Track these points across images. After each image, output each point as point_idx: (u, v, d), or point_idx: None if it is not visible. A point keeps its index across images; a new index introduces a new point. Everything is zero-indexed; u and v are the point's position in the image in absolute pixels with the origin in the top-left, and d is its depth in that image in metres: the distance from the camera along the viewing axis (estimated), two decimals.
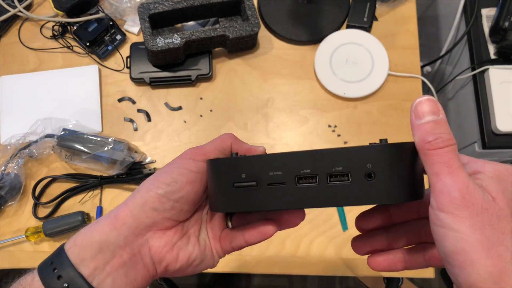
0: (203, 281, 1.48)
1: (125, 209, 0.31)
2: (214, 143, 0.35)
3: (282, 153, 0.29)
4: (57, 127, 0.72)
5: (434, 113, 0.26)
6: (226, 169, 0.31)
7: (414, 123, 0.27)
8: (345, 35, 0.77)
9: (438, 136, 0.25)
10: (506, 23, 0.75)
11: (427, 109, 0.26)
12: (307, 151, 0.29)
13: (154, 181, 0.32)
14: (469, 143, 0.88)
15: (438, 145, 0.25)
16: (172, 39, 0.70)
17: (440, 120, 0.26)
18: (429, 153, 0.25)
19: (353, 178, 0.28)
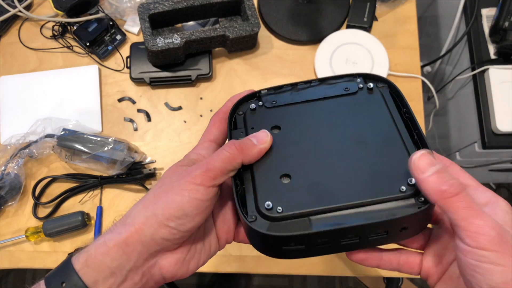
0: (203, 281, 1.48)
1: (134, 235, 0.31)
2: (223, 160, 0.33)
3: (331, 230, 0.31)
4: (57, 127, 0.72)
5: (433, 164, 0.29)
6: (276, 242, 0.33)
7: (420, 178, 0.30)
8: (345, 35, 0.77)
9: (449, 183, 0.28)
10: (506, 23, 0.76)
11: (426, 162, 0.30)
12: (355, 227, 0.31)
13: (164, 210, 0.31)
14: (469, 143, 0.88)
15: (455, 191, 0.28)
16: (172, 39, 0.70)
17: (441, 169, 0.29)
18: (449, 200, 0.28)
19: (390, 234, 0.32)
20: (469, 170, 1.07)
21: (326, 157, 0.36)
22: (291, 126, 0.38)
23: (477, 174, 1.13)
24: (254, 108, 0.40)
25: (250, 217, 0.34)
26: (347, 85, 0.40)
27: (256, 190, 0.35)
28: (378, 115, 0.38)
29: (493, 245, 0.26)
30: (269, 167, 0.36)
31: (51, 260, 0.69)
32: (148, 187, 0.71)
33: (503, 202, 0.30)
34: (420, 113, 0.74)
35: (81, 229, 0.69)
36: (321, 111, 0.39)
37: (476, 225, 0.27)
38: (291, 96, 0.41)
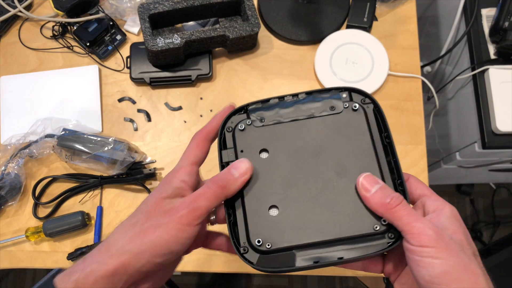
0: (203, 281, 1.48)
1: (121, 268, 0.33)
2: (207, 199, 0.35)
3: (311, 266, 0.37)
4: (57, 127, 0.72)
5: (376, 182, 0.36)
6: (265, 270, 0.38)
7: (366, 196, 0.36)
8: (345, 35, 0.77)
9: (390, 196, 0.34)
10: (506, 23, 0.76)
11: (370, 182, 0.36)
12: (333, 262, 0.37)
13: (152, 248, 0.33)
14: (469, 143, 0.88)
15: (396, 202, 0.34)
16: (172, 39, 0.70)
17: (383, 186, 0.36)
18: (393, 210, 0.34)
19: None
20: (469, 170, 1.07)
21: (311, 188, 0.39)
22: (279, 149, 0.41)
23: (477, 174, 1.13)
24: (243, 128, 0.42)
25: (243, 249, 0.38)
26: (333, 104, 0.42)
27: (248, 223, 0.38)
28: (360, 139, 0.40)
29: (432, 242, 0.31)
30: (258, 197, 0.39)
31: (51, 260, 0.69)
32: (148, 187, 0.71)
33: (449, 209, 0.35)
34: (420, 113, 0.74)
35: (81, 229, 0.69)
36: (307, 132, 0.41)
37: (417, 227, 0.32)
38: (279, 114, 0.42)
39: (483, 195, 1.57)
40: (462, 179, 1.33)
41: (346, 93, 0.42)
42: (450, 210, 0.35)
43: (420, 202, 0.38)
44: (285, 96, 0.43)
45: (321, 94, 0.42)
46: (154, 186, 0.72)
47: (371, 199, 0.35)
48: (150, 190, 0.71)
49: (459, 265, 0.31)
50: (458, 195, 1.56)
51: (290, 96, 0.43)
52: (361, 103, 0.42)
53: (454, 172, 1.10)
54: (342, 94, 0.42)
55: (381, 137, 0.40)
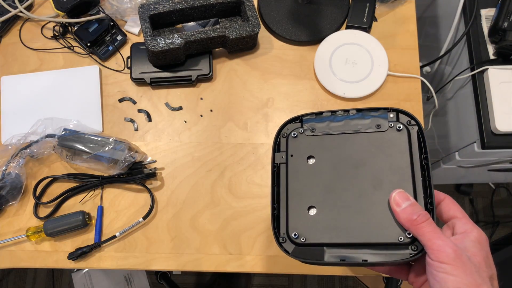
0: (203, 280, 1.48)
1: None
2: None
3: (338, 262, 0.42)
4: (58, 127, 0.72)
5: (407, 199, 0.39)
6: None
7: (396, 210, 0.40)
8: (344, 35, 0.77)
9: (418, 214, 0.38)
10: (505, 23, 0.76)
11: (402, 198, 0.40)
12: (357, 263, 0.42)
13: None
14: (469, 143, 0.88)
15: (422, 220, 0.37)
16: (173, 39, 0.70)
17: (413, 203, 0.39)
18: (418, 227, 0.37)
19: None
20: (468, 170, 1.07)
21: (347, 196, 0.43)
22: (324, 157, 0.46)
23: (476, 174, 1.14)
24: (295, 135, 0.48)
25: (282, 239, 0.44)
26: (379, 122, 0.46)
27: (288, 218, 0.44)
28: (399, 157, 0.44)
29: (449, 260, 0.34)
30: (300, 197, 0.45)
31: (52, 259, 0.69)
32: (148, 187, 0.71)
33: (476, 233, 0.38)
34: (419, 113, 0.75)
35: (82, 228, 0.69)
36: (351, 146, 0.45)
37: (437, 244, 0.35)
38: (329, 126, 0.47)
39: (483, 195, 1.57)
40: (462, 179, 1.33)
41: (394, 114, 0.46)
42: (476, 235, 0.38)
43: (451, 223, 0.41)
44: (337, 111, 0.48)
45: (370, 112, 0.46)
46: (155, 186, 0.72)
47: (400, 214, 0.39)
48: (150, 190, 0.71)
49: (471, 284, 0.34)
50: (457, 195, 1.56)
51: (341, 111, 0.47)
52: (406, 124, 0.45)
53: (453, 172, 1.10)
54: (390, 114, 0.46)
55: (420, 158, 0.43)
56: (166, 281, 1.25)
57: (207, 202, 0.71)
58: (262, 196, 0.71)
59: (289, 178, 0.46)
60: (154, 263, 0.69)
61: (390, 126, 0.45)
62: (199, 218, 0.71)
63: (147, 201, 0.71)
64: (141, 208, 0.71)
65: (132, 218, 0.71)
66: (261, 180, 0.72)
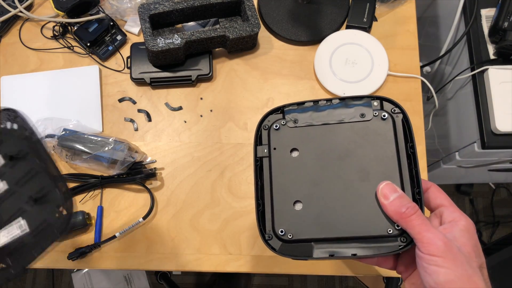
0: (203, 280, 1.48)
1: None
2: None
3: (327, 257, 0.41)
4: (58, 127, 0.72)
5: (394, 191, 0.39)
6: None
7: (384, 203, 0.39)
8: (344, 35, 0.77)
9: (406, 206, 0.37)
10: (506, 23, 0.76)
11: (389, 190, 0.39)
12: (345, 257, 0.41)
13: None
14: (469, 143, 0.88)
15: (410, 212, 0.37)
16: (173, 39, 0.70)
17: (401, 195, 0.39)
18: (407, 220, 0.37)
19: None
20: (468, 170, 1.07)
21: (334, 189, 0.42)
22: (308, 150, 0.44)
23: (476, 174, 1.14)
24: (278, 128, 0.46)
25: (268, 236, 0.43)
26: (363, 111, 0.44)
27: (274, 214, 0.43)
28: (385, 147, 0.42)
29: (440, 252, 0.34)
30: (285, 192, 0.43)
31: (52, 259, 0.69)
32: (148, 187, 0.71)
33: (464, 222, 0.37)
34: (419, 113, 0.75)
35: (82, 228, 0.69)
36: (336, 136, 0.44)
37: (427, 237, 0.35)
38: (312, 117, 0.45)
39: (483, 195, 1.57)
40: (462, 179, 1.33)
41: (378, 102, 0.44)
42: (465, 223, 0.37)
43: (439, 211, 0.40)
44: (319, 101, 0.46)
45: (354, 101, 0.45)
46: (155, 186, 0.72)
47: (388, 206, 0.39)
48: (150, 190, 0.71)
49: (463, 276, 0.34)
50: (457, 195, 1.56)
51: (324, 100, 0.46)
52: (391, 112, 0.44)
53: (453, 172, 1.10)
54: (374, 102, 0.45)
55: (406, 146, 0.42)
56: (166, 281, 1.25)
57: (207, 202, 0.71)
58: None
59: (272, 172, 0.45)
60: (154, 263, 0.69)
61: (374, 115, 0.44)
62: (199, 218, 0.71)
63: (147, 201, 0.71)
64: (141, 208, 0.71)
65: (132, 218, 0.71)
66: None
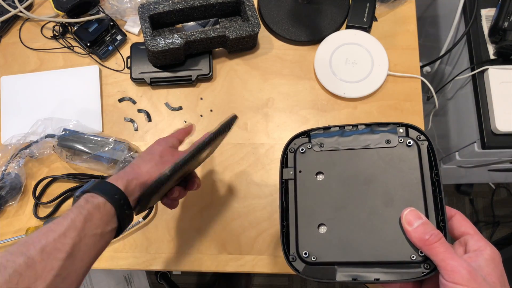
0: (203, 280, 1.48)
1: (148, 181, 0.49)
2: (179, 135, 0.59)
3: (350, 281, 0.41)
4: (58, 127, 0.72)
5: (419, 218, 0.39)
6: None
7: (408, 229, 0.39)
8: (344, 35, 0.77)
9: (430, 233, 0.37)
10: (506, 23, 0.76)
11: (414, 217, 0.39)
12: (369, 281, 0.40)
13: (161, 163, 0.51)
14: (469, 143, 0.88)
15: (434, 240, 0.37)
16: (173, 39, 0.70)
17: (425, 222, 0.39)
18: (431, 247, 0.37)
19: None
20: (468, 170, 1.07)
21: (358, 213, 0.43)
22: (333, 173, 0.45)
23: (476, 174, 1.14)
24: (304, 151, 0.47)
25: (292, 257, 0.43)
26: (389, 137, 0.45)
27: (298, 236, 0.44)
28: (410, 173, 0.43)
29: (464, 281, 0.34)
30: (310, 214, 0.44)
31: None
32: None
33: (489, 251, 0.37)
34: (419, 113, 0.75)
35: None
36: (361, 161, 0.44)
37: (451, 265, 0.35)
38: (338, 141, 0.46)
39: (483, 195, 1.57)
40: (462, 179, 1.33)
41: (403, 129, 0.45)
42: (490, 253, 0.37)
43: (463, 239, 0.40)
44: (345, 126, 0.47)
45: (380, 127, 0.46)
46: None
47: (412, 233, 0.39)
48: None
49: None
50: (457, 195, 1.56)
51: (350, 126, 0.47)
52: (416, 140, 0.44)
53: (453, 172, 1.10)
54: (399, 129, 0.45)
55: (431, 173, 0.43)
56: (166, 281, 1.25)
57: (207, 202, 0.71)
58: (262, 196, 0.71)
59: (298, 194, 0.45)
60: (154, 263, 0.69)
61: (400, 142, 0.44)
62: (199, 218, 0.71)
63: None
64: None
65: None
66: (261, 180, 0.72)
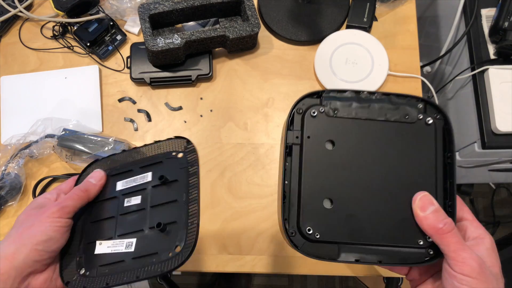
0: (203, 280, 1.48)
1: (7, 264, 0.38)
2: (74, 200, 0.43)
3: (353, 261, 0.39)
4: (58, 127, 0.72)
5: (431, 204, 0.38)
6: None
7: (420, 215, 0.38)
8: (345, 35, 0.77)
9: (444, 222, 0.36)
10: (506, 23, 0.76)
11: (427, 202, 0.38)
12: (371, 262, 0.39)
13: (32, 238, 0.39)
14: (469, 143, 0.88)
15: (448, 229, 0.36)
16: (173, 39, 0.70)
17: (437, 208, 0.38)
18: (443, 236, 0.36)
19: None
20: (468, 170, 1.07)
21: (367, 191, 0.40)
22: (345, 144, 0.41)
23: (476, 174, 1.13)
24: (315, 114, 0.42)
25: (291, 232, 0.39)
26: (407, 111, 0.41)
27: (301, 209, 0.39)
28: (424, 154, 0.40)
29: (474, 273, 0.34)
30: (315, 186, 0.40)
31: None
32: None
33: (488, 240, 0.37)
34: None
35: None
36: (376, 135, 0.41)
37: (462, 257, 0.35)
38: (353, 108, 0.42)
39: (483, 195, 1.57)
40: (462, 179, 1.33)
41: (422, 104, 0.42)
42: (490, 241, 0.37)
43: (462, 225, 0.40)
44: (361, 92, 0.42)
45: (398, 98, 0.42)
46: None
47: (423, 220, 0.38)
48: None
49: None
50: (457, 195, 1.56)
51: (366, 92, 0.42)
52: (434, 118, 0.42)
53: None
54: (419, 104, 0.42)
55: (444, 155, 0.41)
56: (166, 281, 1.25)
57: (207, 202, 0.71)
58: (262, 196, 0.71)
59: (303, 162, 0.40)
60: None
61: (419, 118, 0.41)
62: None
63: None
64: None
65: None
66: (261, 180, 0.72)
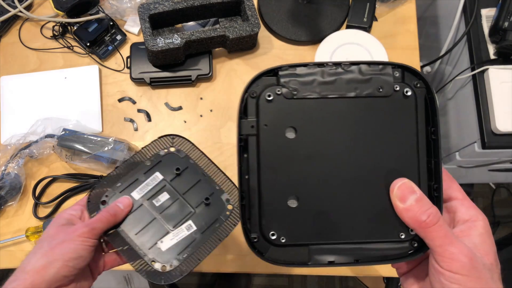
0: (203, 281, 1.48)
1: (38, 277, 0.40)
2: (102, 223, 0.45)
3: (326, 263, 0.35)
4: (58, 127, 0.72)
5: (412, 192, 0.32)
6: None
7: (400, 207, 0.32)
8: (345, 35, 0.77)
9: (428, 213, 0.31)
10: (506, 23, 0.76)
11: (407, 191, 0.32)
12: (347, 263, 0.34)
13: (64, 254, 0.42)
14: (469, 143, 0.88)
15: (432, 221, 0.31)
16: (172, 39, 0.70)
17: (420, 197, 0.32)
18: (428, 230, 0.31)
19: None
20: (468, 170, 1.07)
21: (338, 183, 0.34)
22: (309, 131, 0.34)
23: (476, 174, 1.13)
24: (271, 98, 0.34)
25: (253, 238, 0.34)
26: (382, 83, 0.34)
27: (262, 211, 0.34)
28: (403, 132, 0.34)
29: (464, 270, 0.30)
30: (277, 184, 0.34)
31: None
32: None
33: (482, 222, 0.33)
34: None
35: None
36: (345, 116, 0.34)
37: (450, 252, 0.30)
38: (316, 85, 0.34)
39: (483, 195, 1.57)
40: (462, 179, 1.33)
41: (399, 72, 0.35)
42: (483, 224, 0.33)
43: (451, 205, 0.35)
44: (325, 63, 0.35)
45: (370, 68, 0.35)
46: None
47: (404, 212, 0.32)
48: None
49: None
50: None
51: (332, 64, 0.35)
52: (413, 86, 0.35)
53: (453, 172, 1.10)
54: (395, 72, 0.35)
55: (426, 130, 0.34)
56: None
57: None
58: None
59: (261, 156, 0.34)
60: None
61: (395, 90, 0.34)
62: None
63: None
64: None
65: None
66: None
